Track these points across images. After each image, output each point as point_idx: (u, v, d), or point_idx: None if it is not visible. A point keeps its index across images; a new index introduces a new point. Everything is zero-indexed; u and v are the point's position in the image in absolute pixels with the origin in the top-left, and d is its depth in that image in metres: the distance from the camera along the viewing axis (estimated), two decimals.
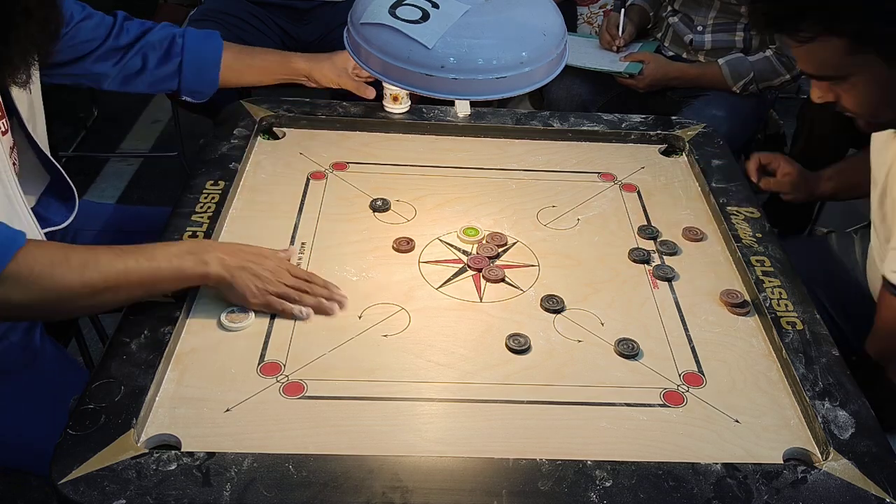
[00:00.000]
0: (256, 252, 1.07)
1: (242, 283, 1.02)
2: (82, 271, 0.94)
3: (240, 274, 1.02)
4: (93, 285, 0.94)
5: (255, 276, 1.03)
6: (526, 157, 1.43)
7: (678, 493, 0.84)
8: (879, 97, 1.00)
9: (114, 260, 0.96)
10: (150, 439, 0.88)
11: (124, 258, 0.96)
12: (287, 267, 1.08)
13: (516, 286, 1.14)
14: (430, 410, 0.95)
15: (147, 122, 3.00)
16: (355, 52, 1.02)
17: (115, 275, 0.95)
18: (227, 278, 1.02)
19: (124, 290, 0.98)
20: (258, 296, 1.03)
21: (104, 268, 0.95)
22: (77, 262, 0.94)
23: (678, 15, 2.07)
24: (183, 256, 1.00)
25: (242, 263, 1.03)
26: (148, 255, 0.98)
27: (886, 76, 0.96)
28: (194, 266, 1.00)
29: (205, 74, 1.42)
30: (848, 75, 0.98)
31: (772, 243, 1.22)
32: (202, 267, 1.00)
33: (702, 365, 1.03)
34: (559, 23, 1.04)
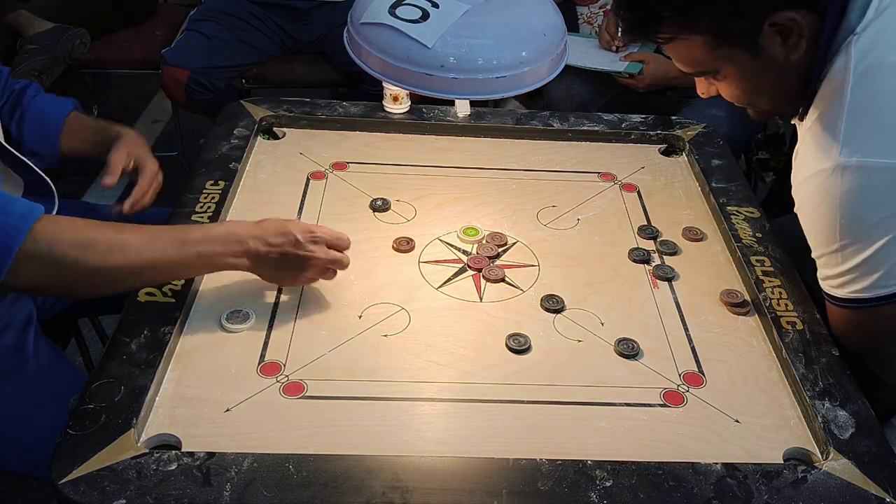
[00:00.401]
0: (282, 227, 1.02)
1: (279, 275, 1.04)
2: (108, 256, 0.92)
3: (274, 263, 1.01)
4: (118, 270, 0.93)
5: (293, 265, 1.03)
6: (526, 157, 1.43)
7: (678, 493, 0.84)
8: (751, 86, 1.03)
9: (143, 247, 0.94)
10: (150, 439, 0.88)
11: (154, 244, 0.94)
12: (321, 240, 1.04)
13: (516, 286, 1.14)
14: (430, 410, 0.95)
15: (147, 122, 3.00)
16: (355, 52, 1.02)
17: (141, 262, 0.94)
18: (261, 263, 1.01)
19: (150, 275, 0.98)
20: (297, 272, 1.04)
21: (132, 254, 0.93)
22: (104, 246, 0.91)
23: None
24: (214, 244, 0.98)
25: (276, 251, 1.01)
26: (180, 241, 0.96)
27: (752, 66, 0.98)
28: (225, 256, 0.99)
29: (45, 138, 1.27)
30: (718, 69, 1.01)
31: (772, 243, 1.22)
32: (234, 258, 1.00)
33: (702, 365, 1.03)
34: (559, 23, 1.04)
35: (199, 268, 1.02)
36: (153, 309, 1.02)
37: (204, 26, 2.23)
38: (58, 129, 1.28)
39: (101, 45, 2.36)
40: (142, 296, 1.03)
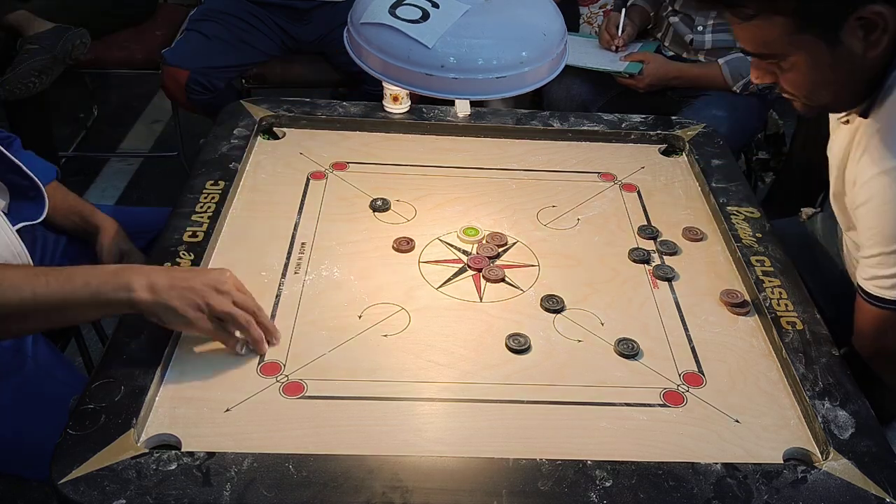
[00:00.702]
0: (199, 270, 0.96)
1: (179, 302, 0.90)
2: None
3: (175, 293, 0.90)
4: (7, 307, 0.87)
5: (196, 293, 0.91)
6: (526, 157, 1.43)
7: (678, 493, 0.84)
8: (818, 78, 1.01)
9: (21, 283, 0.87)
10: (150, 439, 0.88)
11: (34, 281, 0.87)
12: (234, 283, 0.95)
13: (516, 286, 1.14)
14: (430, 410, 0.95)
15: (147, 122, 3.00)
16: (355, 52, 1.02)
17: (19, 301, 0.87)
18: (158, 301, 0.90)
19: (33, 318, 0.90)
20: (197, 319, 0.91)
21: (8, 293, 0.86)
22: None
23: (679, 15, 2.07)
24: (103, 279, 0.89)
25: (179, 283, 0.91)
26: (64, 278, 0.89)
27: (825, 57, 0.97)
28: (115, 290, 0.89)
29: None
30: (788, 54, 0.99)
31: (772, 243, 1.22)
32: (124, 292, 0.89)
33: (702, 365, 1.03)
34: (559, 23, 1.04)
35: (88, 304, 0.90)
36: None
37: (204, 26, 2.23)
38: None
39: (101, 45, 2.36)
40: None
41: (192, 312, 0.91)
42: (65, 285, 0.88)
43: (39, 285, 0.88)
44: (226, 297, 0.93)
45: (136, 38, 2.44)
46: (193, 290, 0.91)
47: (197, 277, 0.93)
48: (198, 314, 0.92)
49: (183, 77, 2.17)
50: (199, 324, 0.93)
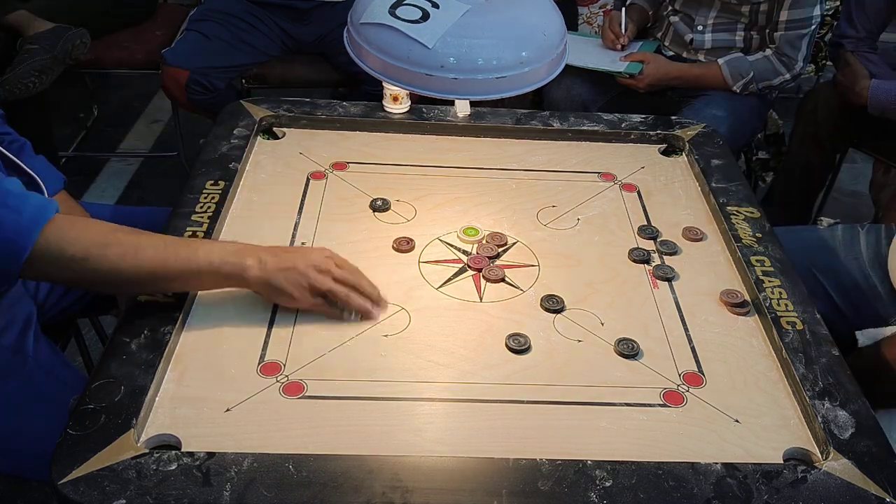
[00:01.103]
0: (301, 251, 1.04)
1: (285, 283, 0.99)
2: (120, 262, 0.93)
3: (281, 275, 0.99)
4: (130, 276, 0.94)
5: (300, 273, 1.00)
6: (526, 157, 1.43)
7: (678, 493, 0.84)
8: None
9: (155, 255, 0.95)
10: (150, 439, 0.88)
11: (166, 253, 0.96)
12: (335, 260, 1.04)
13: (516, 286, 1.14)
14: (430, 410, 0.95)
15: (147, 122, 3.00)
16: (355, 52, 1.02)
17: (152, 269, 0.95)
18: (268, 280, 0.99)
19: (161, 283, 0.99)
20: (303, 297, 1.00)
21: (143, 262, 0.94)
22: (116, 251, 0.93)
23: (679, 14, 2.08)
24: (224, 257, 0.98)
25: (285, 264, 1.00)
26: (191, 252, 0.97)
27: None
28: (233, 269, 0.98)
29: None
30: None
31: (772, 243, 1.22)
32: (240, 270, 0.98)
33: (702, 365, 1.03)
34: (559, 22, 1.04)
35: (210, 276, 0.99)
36: (153, 309, 1.02)
37: (204, 26, 2.23)
38: None
39: (102, 45, 2.36)
40: (142, 296, 1.03)
41: (296, 292, 1.00)
42: (191, 258, 0.97)
43: (170, 256, 0.96)
44: (326, 275, 1.01)
45: (136, 38, 2.44)
46: (297, 271, 1.00)
47: (300, 258, 1.01)
48: (302, 293, 1.01)
49: (183, 77, 2.17)
50: (303, 302, 1.01)
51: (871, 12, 2.04)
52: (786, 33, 1.91)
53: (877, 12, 2.05)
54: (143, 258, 0.94)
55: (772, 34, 1.94)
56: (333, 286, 1.02)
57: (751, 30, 1.99)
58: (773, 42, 1.95)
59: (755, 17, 1.97)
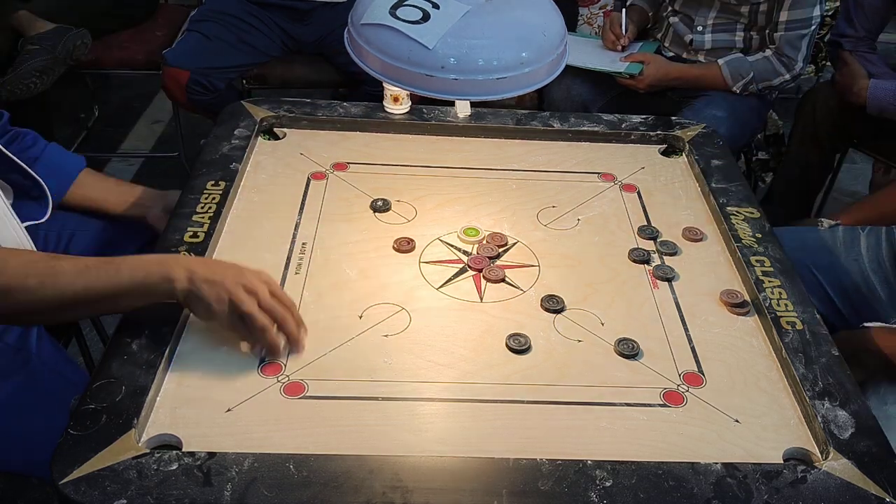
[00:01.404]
0: (236, 267, 0.98)
1: (208, 293, 0.93)
2: (39, 290, 0.91)
3: (206, 285, 0.93)
4: (50, 303, 0.92)
5: (225, 288, 0.94)
6: (526, 157, 1.43)
7: (678, 492, 0.85)
8: None
9: (75, 277, 0.92)
10: (150, 439, 0.88)
11: (87, 274, 0.92)
12: (271, 287, 0.98)
13: (516, 286, 1.14)
14: (430, 410, 0.95)
15: (148, 122, 3.00)
16: (356, 53, 1.02)
17: (73, 293, 0.92)
18: (190, 289, 0.93)
19: (85, 307, 0.96)
20: (220, 311, 0.94)
21: (63, 286, 0.92)
22: (35, 280, 0.91)
23: (678, 15, 2.08)
24: (149, 270, 0.94)
25: (213, 276, 0.94)
26: (113, 270, 0.93)
27: None
28: (160, 281, 0.93)
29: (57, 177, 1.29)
30: None
31: (772, 243, 1.22)
32: (167, 283, 0.93)
33: (702, 365, 1.03)
34: (559, 23, 1.04)
35: (137, 293, 0.95)
36: (153, 309, 1.02)
37: (204, 27, 2.23)
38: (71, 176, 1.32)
39: (102, 45, 2.36)
40: None
41: (216, 305, 0.94)
42: (113, 278, 0.93)
43: (91, 278, 0.93)
44: (251, 296, 0.95)
45: (137, 38, 2.45)
46: (223, 286, 0.94)
47: (230, 274, 0.96)
48: (221, 307, 0.94)
49: (183, 77, 2.17)
50: (219, 317, 0.95)
51: (870, 12, 2.05)
52: (786, 34, 1.92)
53: (875, 12, 2.05)
54: (64, 283, 0.92)
55: (771, 35, 1.94)
56: (255, 311, 0.94)
57: (750, 30, 1.99)
58: (773, 42, 1.95)
59: (755, 17, 1.97)
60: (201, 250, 1.12)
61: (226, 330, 0.97)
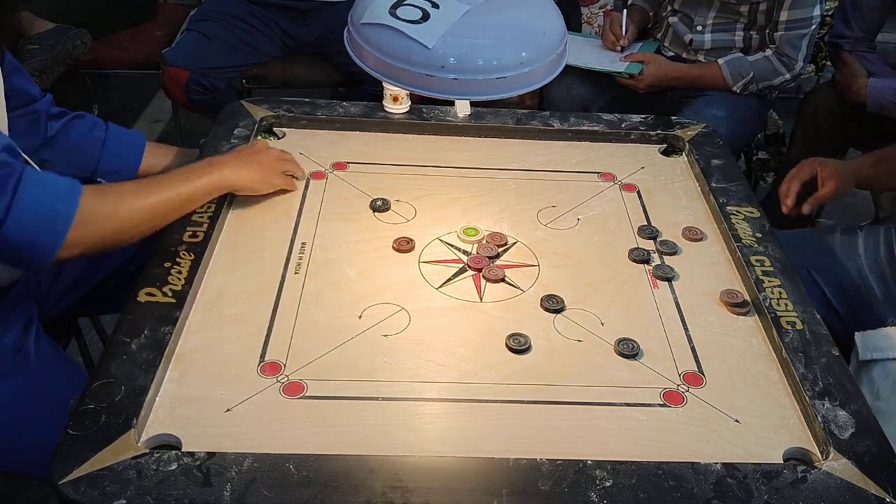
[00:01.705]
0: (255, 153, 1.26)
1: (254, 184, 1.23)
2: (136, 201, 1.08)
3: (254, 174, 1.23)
4: (148, 211, 1.09)
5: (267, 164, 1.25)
6: (526, 157, 1.43)
7: (678, 492, 0.84)
8: None
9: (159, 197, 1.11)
10: (150, 439, 0.88)
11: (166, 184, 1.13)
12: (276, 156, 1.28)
13: (516, 286, 1.14)
14: (430, 410, 0.95)
15: (147, 122, 3.00)
16: (356, 53, 1.02)
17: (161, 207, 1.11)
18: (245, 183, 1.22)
19: (173, 213, 1.14)
20: (272, 174, 1.25)
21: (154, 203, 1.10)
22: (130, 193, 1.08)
23: (678, 15, 2.08)
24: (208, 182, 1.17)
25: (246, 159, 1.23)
26: (181, 178, 1.15)
27: None
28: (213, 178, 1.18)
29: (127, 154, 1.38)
30: None
31: (772, 243, 1.22)
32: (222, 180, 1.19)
33: (702, 365, 1.03)
34: (559, 23, 1.04)
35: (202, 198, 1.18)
36: (153, 309, 1.02)
37: (204, 26, 2.23)
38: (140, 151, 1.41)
39: (102, 45, 2.36)
40: (142, 296, 1.03)
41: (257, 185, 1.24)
42: (186, 184, 1.14)
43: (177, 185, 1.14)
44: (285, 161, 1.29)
45: (137, 38, 2.44)
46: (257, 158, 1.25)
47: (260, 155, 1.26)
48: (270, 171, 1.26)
49: (183, 77, 2.17)
50: (273, 178, 1.26)
51: (867, 13, 2.05)
52: (786, 33, 1.91)
53: (872, 12, 2.05)
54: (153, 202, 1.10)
55: (771, 34, 1.94)
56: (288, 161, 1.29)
57: (750, 30, 1.99)
58: (773, 42, 1.95)
59: (754, 17, 1.97)
60: (200, 250, 1.12)
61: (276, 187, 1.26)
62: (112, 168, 1.36)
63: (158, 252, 1.11)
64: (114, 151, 1.34)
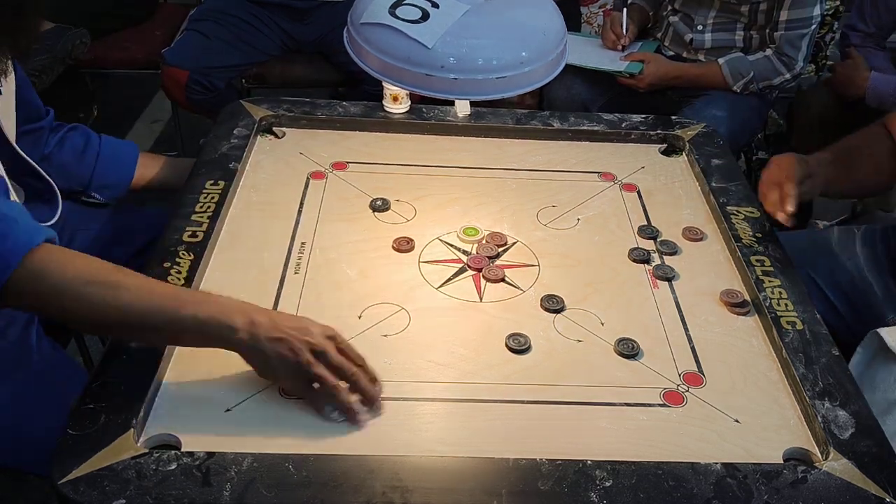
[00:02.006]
0: (298, 323, 0.90)
1: (270, 351, 0.87)
2: (96, 301, 0.86)
3: (272, 346, 0.87)
4: (106, 320, 0.88)
5: (292, 350, 0.87)
6: (526, 157, 1.43)
7: (678, 493, 0.84)
8: None
9: (136, 299, 0.87)
10: (150, 439, 0.88)
11: (149, 299, 0.87)
12: (337, 342, 0.91)
13: (516, 286, 1.14)
14: (430, 410, 0.95)
15: (147, 122, 3.00)
16: (355, 52, 1.02)
17: (131, 315, 0.87)
18: (253, 345, 0.87)
19: (140, 333, 0.91)
20: (290, 377, 0.89)
21: (122, 304, 0.86)
22: (94, 290, 0.86)
23: (678, 14, 2.07)
24: (212, 312, 0.87)
25: (276, 334, 0.87)
26: (177, 305, 0.87)
27: None
28: (219, 327, 0.87)
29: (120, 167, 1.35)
30: None
31: (772, 243, 1.22)
32: (227, 331, 0.87)
33: (702, 365, 1.03)
34: (559, 22, 1.04)
35: (195, 335, 0.90)
36: None
37: (204, 26, 2.22)
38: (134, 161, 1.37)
39: (101, 45, 2.36)
40: None
41: (277, 364, 0.88)
42: (175, 312, 0.87)
43: (153, 306, 0.87)
44: (320, 358, 0.88)
45: (136, 38, 2.44)
46: (288, 344, 0.87)
47: (295, 329, 0.89)
48: (284, 368, 0.88)
49: (183, 77, 2.17)
50: (281, 377, 0.90)
51: (884, 10, 2.06)
52: (786, 33, 1.91)
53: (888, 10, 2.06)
54: (123, 301, 0.86)
55: (772, 34, 1.94)
56: (323, 373, 0.88)
57: (750, 29, 1.99)
58: (773, 42, 1.95)
59: (755, 16, 1.97)
60: (200, 250, 1.11)
61: (291, 393, 0.92)
62: (106, 181, 1.36)
63: (158, 252, 1.11)
64: (107, 164, 1.32)
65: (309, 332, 0.89)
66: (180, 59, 2.18)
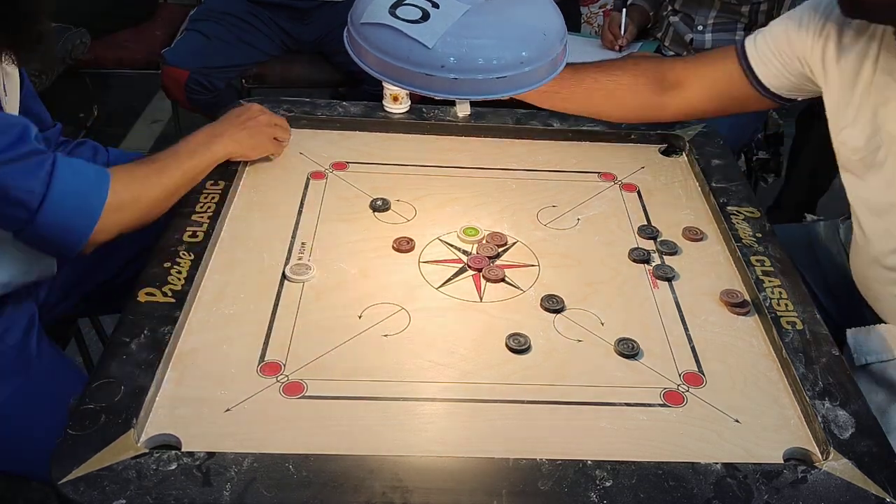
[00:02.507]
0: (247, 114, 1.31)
1: (248, 139, 1.28)
2: (158, 181, 1.13)
3: (244, 134, 1.28)
4: (169, 190, 1.15)
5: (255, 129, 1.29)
6: (526, 157, 1.43)
7: (678, 492, 0.84)
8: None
9: (174, 164, 1.16)
10: (150, 439, 0.88)
11: (180, 160, 1.17)
12: (266, 113, 1.33)
13: (516, 286, 1.14)
14: (430, 410, 0.95)
15: (147, 121, 3.00)
16: (355, 52, 1.02)
17: (180, 176, 1.16)
18: (240, 150, 1.28)
19: (185, 189, 1.18)
20: (263, 143, 1.30)
21: (174, 172, 1.16)
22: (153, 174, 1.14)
23: (678, 14, 2.08)
24: (210, 156, 1.23)
25: (241, 128, 1.28)
26: (189, 153, 1.19)
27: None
28: (216, 151, 1.23)
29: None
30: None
31: (772, 243, 1.22)
32: (224, 153, 1.25)
33: (702, 365, 1.03)
34: (559, 22, 1.04)
35: (207, 168, 1.23)
36: (153, 309, 1.02)
37: (204, 26, 2.23)
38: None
39: (101, 45, 2.36)
40: (142, 296, 1.03)
41: (257, 139, 1.30)
42: (192, 158, 1.19)
43: (185, 160, 1.18)
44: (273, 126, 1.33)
45: (136, 38, 2.45)
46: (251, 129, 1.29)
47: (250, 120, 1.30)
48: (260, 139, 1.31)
49: (183, 77, 2.17)
50: (266, 145, 1.31)
51: None
52: None
53: None
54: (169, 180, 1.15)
55: None
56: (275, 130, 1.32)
57: (750, 30, 1.99)
58: None
59: (755, 16, 1.97)
60: (200, 250, 1.12)
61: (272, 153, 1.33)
62: None
63: (158, 252, 1.11)
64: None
65: (254, 115, 1.31)
66: (180, 59, 2.18)
